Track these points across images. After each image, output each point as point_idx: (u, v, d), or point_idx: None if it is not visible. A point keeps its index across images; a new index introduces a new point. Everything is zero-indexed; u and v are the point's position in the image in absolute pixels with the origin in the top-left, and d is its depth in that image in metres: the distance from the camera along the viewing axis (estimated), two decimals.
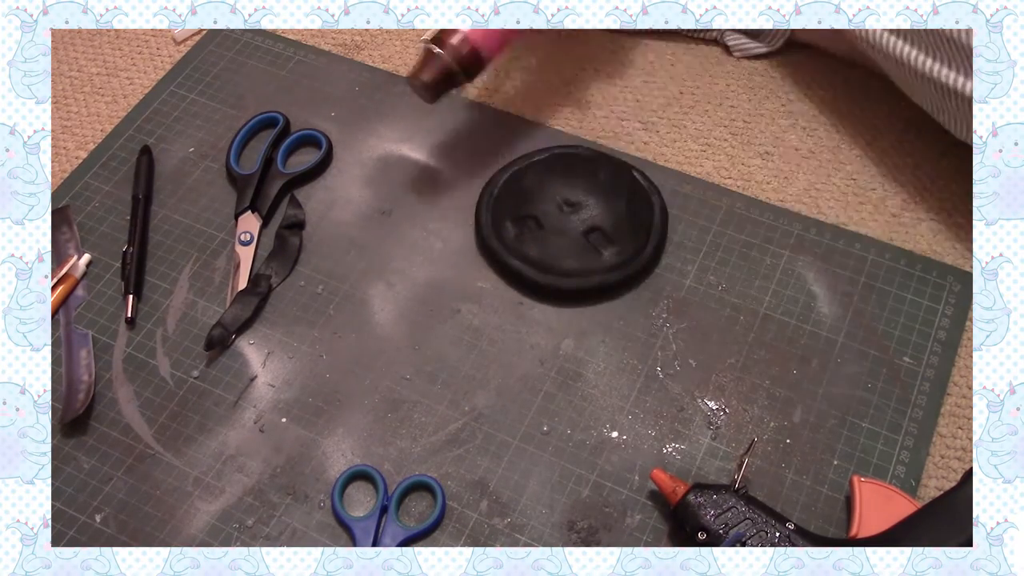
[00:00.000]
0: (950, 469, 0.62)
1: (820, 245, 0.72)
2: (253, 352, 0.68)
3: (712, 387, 0.66)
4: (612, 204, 0.73)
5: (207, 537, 0.60)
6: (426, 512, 0.61)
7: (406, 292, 0.71)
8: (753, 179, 0.77)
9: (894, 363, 0.66)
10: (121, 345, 0.69)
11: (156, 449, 0.64)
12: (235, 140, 0.79)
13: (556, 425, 0.64)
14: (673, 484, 0.58)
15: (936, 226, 0.74)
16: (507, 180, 0.75)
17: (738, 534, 0.56)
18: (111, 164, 0.80)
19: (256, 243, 0.74)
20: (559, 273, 0.70)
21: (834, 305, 0.69)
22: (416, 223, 0.75)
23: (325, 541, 0.60)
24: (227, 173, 0.78)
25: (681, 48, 0.86)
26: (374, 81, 0.85)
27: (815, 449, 0.63)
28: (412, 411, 0.65)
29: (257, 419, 0.65)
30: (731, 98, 0.83)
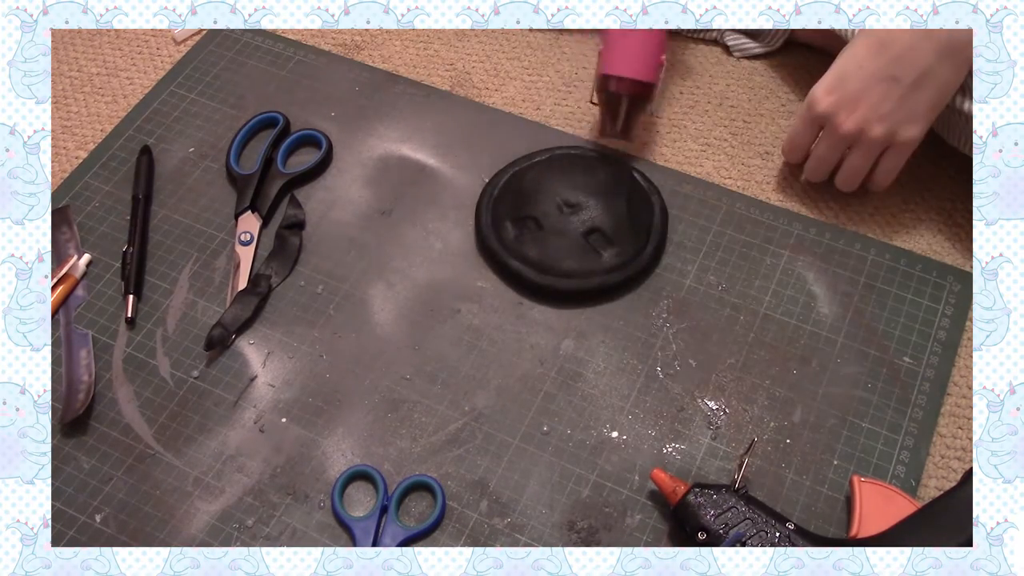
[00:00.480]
0: (950, 469, 0.62)
1: (820, 245, 0.72)
2: (253, 352, 0.68)
3: (712, 387, 0.66)
4: (612, 205, 0.72)
5: (207, 537, 0.60)
6: (426, 512, 0.61)
7: (406, 292, 0.71)
8: (753, 179, 0.77)
9: (894, 363, 0.66)
10: (121, 345, 0.69)
11: (156, 449, 0.64)
12: (235, 140, 0.79)
13: (556, 425, 0.64)
14: (673, 484, 0.58)
15: (936, 226, 0.74)
16: (507, 180, 0.75)
17: (738, 534, 0.56)
18: (111, 164, 0.80)
19: (256, 243, 0.74)
20: (559, 274, 0.69)
21: (834, 305, 0.69)
22: (416, 223, 0.75)
23: (325, 541, 0.60)
24: (227, 173, 0.78)
25: (681, 48, 0.86)
26: (374, 81, 0.85)
27: (815, 449, 0.63)
28: (412, 411, 0.65)
29: (257, 419, 0.65)
30: (731, 98, 0.83)
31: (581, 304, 0.70)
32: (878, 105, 0.64)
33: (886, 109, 0.63)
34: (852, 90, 0.64)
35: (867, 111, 0.64)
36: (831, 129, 0.67)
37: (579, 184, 0.74)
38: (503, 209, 0.73)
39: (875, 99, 0.63)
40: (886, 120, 0.64)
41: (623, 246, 0.70)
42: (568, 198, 0.73)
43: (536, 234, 0.72)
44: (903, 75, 0.62)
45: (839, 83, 0.65)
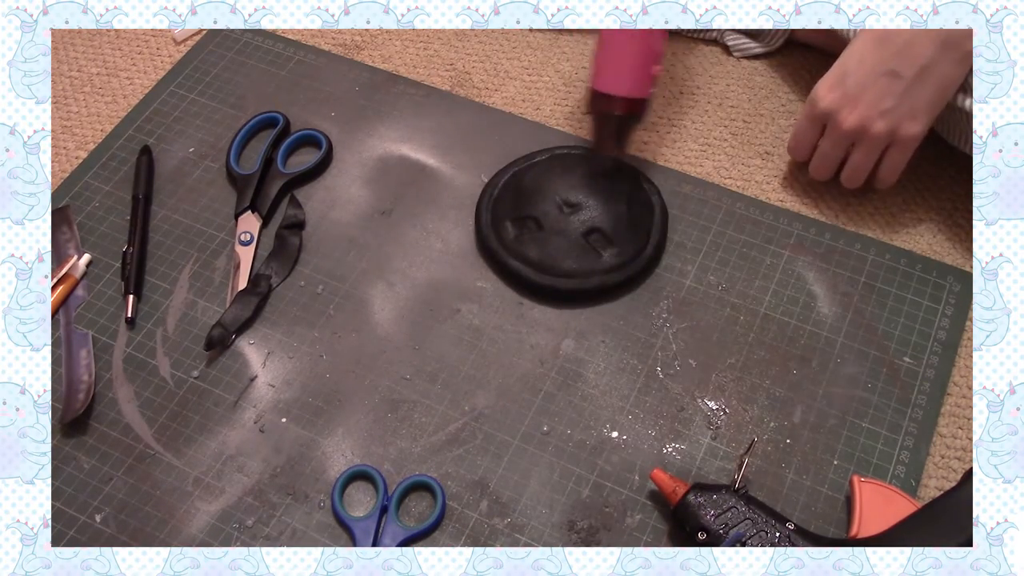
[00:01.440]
0: (950, 469, 0.62)
1: (820, 245, 0.72)
2: (253, 352, 0.68)
3: (712, 387, 0.66)
4: (612, 205, 0.72)
5: (207, 537, 0.60)
6: (426, 512, 0.61)
7: (406, 292, 0.71)
8: (753, 179, 0.77)
9: (894, 363, 0.66)
10: (121, 345, 0.69)
11: (156, 449, 0.64)
12: (235, 140, 0.79)
13: (556, 425, 0.64)
14: (673, 484, 0.58)
15: (936, 226, 0.74)
16: (507, 181, 0.75)
17: (738, 534, 0.56)
18: (111, 164, 0.80)
19: (256, 243, 0.74)
20: (559, 274, 0.69)
21: (834, 305, 0.69)
22: (416, 223, 0.75)
23: (325, 541, 0.60)
24: (227, 173, 0.78)
25: (681, 48, 0.86)
26: (374, 81, 0.85)
27: (815, 449, 0.63)
28: (412, 411, 0.65)
29: (257, 419, 0.65)
30: (731, 98, 0.83)
31: (581, 304, 0.70)
32: (879, 101, 0.64)
33: (887, 105, 0.63)
34: (853, 86, 0.64)
35: (868, 107, 0.64)
36: (833, 126, 0.67)
37: (579, 184, 0.73)
38: (503, 209, 0.73)
39: (876, 95, 0.63)
40: (887, 116, 0.64)
41: (623, 246, 0.70)
42: (568, 198, 0.73)
43: (536, 234, 0.72)
44: (903, 70, 0.62)
45: (840, 80, 0.65)
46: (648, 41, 0.69)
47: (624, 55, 0.70)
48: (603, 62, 0.71)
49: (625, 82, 0.70)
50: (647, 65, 0.70)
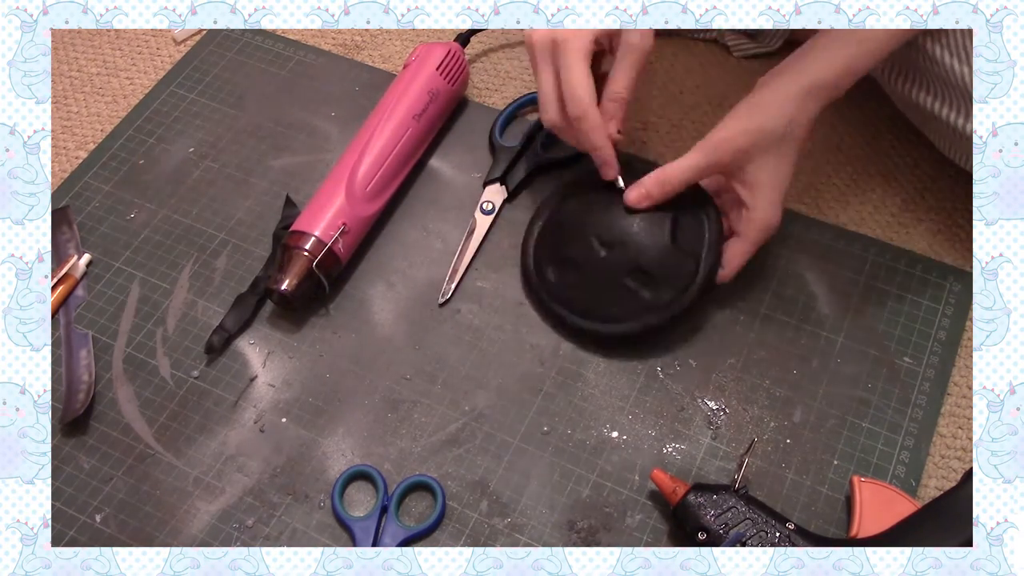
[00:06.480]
0: (950, 469, 0.62)
1: (820, 245, 0.72)
2: (253, 352, 0.68)
3: (712, 387, 0.66)
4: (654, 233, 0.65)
5: (207, 537, 0.60)
6: (426, 512, 0.61)
7: (406, 292, 0.71)
8: None
9: (894, 363, 0.66)
10: (121, 345, 0.69)
11: (156, 449, 0.64)
12: (505, 111, 0.80)
13: (556, 425, 0.64)
14: (673, 484, 0.58)
15: (936, 226, 0.74)
16: (546, 222, 0.71)
17: (738, 534, 0.56)
18: (111, 164, 0.80)
19: (496, 214, 0.74)
20: (601, 319, 0.66)
21: (834, 305, 0.69)
22: (416, 223, 0.75)
23: (325, 541, 0.60)
24: (488, 141, 0.79)
25: (681, 48, 0.86)
26: (374, 81, 0.85)
27: (815, 449, 0.63)
28: (412, 411, 0.65)
29: (257, 419, 0.65)
30: (731, 98, 0.82)
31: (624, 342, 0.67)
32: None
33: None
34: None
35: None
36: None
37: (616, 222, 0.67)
38: (543, 252, 0.70)
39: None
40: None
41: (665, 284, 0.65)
42: (603, 236, 0.67)
43: (574, 276, 0.67)
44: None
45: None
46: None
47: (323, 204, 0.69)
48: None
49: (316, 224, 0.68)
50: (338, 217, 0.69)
